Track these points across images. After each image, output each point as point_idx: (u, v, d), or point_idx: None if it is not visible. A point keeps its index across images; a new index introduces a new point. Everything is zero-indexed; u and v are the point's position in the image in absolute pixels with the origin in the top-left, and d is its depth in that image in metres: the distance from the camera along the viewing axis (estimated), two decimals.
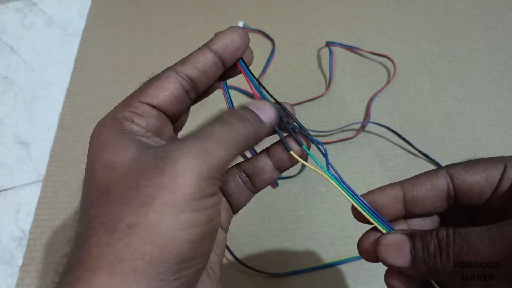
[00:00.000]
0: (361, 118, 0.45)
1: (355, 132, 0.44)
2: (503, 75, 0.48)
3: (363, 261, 0.37)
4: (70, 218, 0.40)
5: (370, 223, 0.21)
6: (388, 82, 0.48)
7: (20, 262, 0.38)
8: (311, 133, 0.44)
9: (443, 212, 0.22)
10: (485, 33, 0.52)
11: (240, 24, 0.53)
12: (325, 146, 0.23)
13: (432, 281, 0.21)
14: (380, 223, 0.21)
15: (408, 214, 0.22)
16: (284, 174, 0.41)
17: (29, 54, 0.52)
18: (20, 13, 0.57)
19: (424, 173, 0.22)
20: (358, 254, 0.35)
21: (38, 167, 0.43)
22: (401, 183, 0.22)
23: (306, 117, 0.45)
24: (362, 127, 0.44)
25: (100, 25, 0.55)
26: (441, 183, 0.21)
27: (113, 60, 0.51)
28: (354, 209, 0.22)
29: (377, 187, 0.42)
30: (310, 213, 0.39)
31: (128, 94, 0.20)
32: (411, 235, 0.20)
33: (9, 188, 0.42)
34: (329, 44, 0.51)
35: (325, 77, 0.49)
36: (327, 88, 0.47)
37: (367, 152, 0.43)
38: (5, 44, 0.53)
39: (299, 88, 0.48)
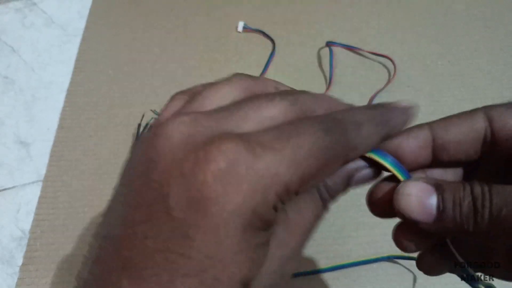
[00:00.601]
0: None
1: None
2: (503, 75, 0.48)
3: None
4: (70, 218, 0.40)
5: (386, 169, 0.18)
6: (388, 82, 0.48)
7: (20, 262, 0.38)
8: None
9: (468, 164, 0.19)
10: (485, 33, 0.52)
11: (240, 24, 0.53)
12: None
13: (448, 241, 0.18)
14: (398, 170, 0.18)
15: (433, 162, 0.19)
16: None
17: (29, 54, 0.52)
18: (20, 13, 0.57)
19: (458, 113, 0.18)
20: (357, 260, 0.36)
21: (38, 167, 0.43)
22: (430, 125, 0.19)
23: None
24: None
25: (100, 25, 0.55)
26: (479, 124, 0.17)
27: (113, 60, 0.51)
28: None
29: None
30: None
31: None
32: (438, 186, 0.16)
33: (9, 188, 0.42)
34: (329, 44, 0.51)
35: (325, 77, 0.49)
36: (327, 88, 0.47)
37: None
38: (5, 44, 0.53)
39: (299, 88, 0.48)
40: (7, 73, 0.51)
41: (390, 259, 0.36)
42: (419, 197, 0.16)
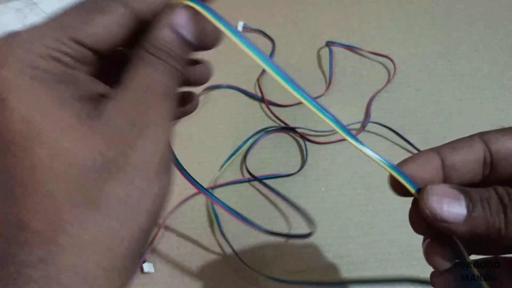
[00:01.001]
0: (361, 118, 0.45)
1: (356, 131, 0.44)
2: (503, 75, 0.48)
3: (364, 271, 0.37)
4: None
5: (403, 194, 0.19)
6: (388, 82, 0.48)
7: None
8: (310, 132, 0.44)
9: (474, 184, 0.20)
10: (485, 33, 0.52)
11: (240, 24, 0.53)
12: (325, 146, 0.22)
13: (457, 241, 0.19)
14: (408, 182, 0.19)
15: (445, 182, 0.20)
16: (285, 172, 0.41)
17: None
18: (20, 13, 0.57)
19: (459, 139, 0.20)
20: (360, 279, 0.36)
21: None
22: (437, 149, 0.20)
23: (306, 117, 0.45)
24: (363, 127, 0.44)
25: None
26: (479, 147, 0.19)
27: None
28: (391, 177, 0.19)
29: (377, 187, 0.42)
30: (310, 213, 0.39)
31: None
32: (463, 189, 0.17)
33: None
34: (329, 44, 0.51)
35: (325, 77, 0.49)
36: (327, 88, 0.47)
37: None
38: None
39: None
40: None
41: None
42: (448, 199, 0.17)
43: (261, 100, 0.47)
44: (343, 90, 0.47)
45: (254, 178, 0.41)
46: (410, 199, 0.20)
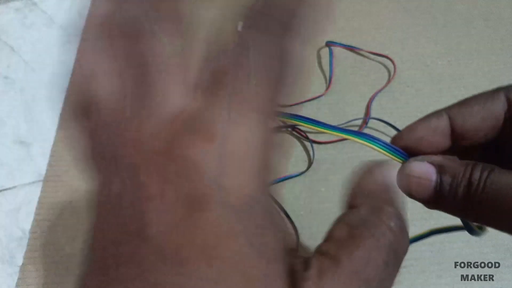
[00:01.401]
0: (361, 118, 0.45)
1: (357, 129, 0.44)
2: (503, 75, 0.48)
3: None
4: (70, 218, 0.40)
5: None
6: (388, 82, 0.48)
7: (20, 261, 0.38)
8: (311, 130, 0.44)
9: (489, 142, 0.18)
10: (485, 33, 0.52)
11: (240, 24, 0.53)
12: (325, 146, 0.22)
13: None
14: (396, 155, 0.18)
15: (454, 147, 0.19)
16: (286, 173, 0.41)
17: (30, 54, 0.52)
18: (20, 13, 0.57)
19: (477, 96, 0.18)
20: None
21: (38, 167, 0.43)
22: (448, 111, 0.18)
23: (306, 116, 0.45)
24: (365, 123, 0.44)
25: None
26: (499, 109, 0.17)
27: None
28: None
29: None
30: (310, 213, 0.39)
31: None
32: (441, 168, 0.17)
33: (9, 188, 0.42)
34: (329, 44, 0.51)
35: (325, 77, 0.49)
36: (327, 88, 0.47)
37: (367, 152, 0.43)
38: (5, 44, 0.53)
39: (299, 88, 0.48)
40: (7, 73, 0.51)
41: None
42: (419, 178, 0.17)
43: None
44: (343, 90, 0.47)
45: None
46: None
